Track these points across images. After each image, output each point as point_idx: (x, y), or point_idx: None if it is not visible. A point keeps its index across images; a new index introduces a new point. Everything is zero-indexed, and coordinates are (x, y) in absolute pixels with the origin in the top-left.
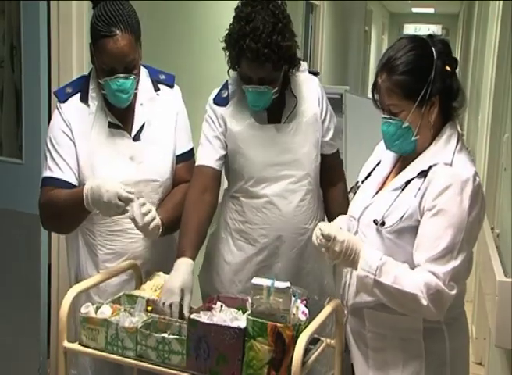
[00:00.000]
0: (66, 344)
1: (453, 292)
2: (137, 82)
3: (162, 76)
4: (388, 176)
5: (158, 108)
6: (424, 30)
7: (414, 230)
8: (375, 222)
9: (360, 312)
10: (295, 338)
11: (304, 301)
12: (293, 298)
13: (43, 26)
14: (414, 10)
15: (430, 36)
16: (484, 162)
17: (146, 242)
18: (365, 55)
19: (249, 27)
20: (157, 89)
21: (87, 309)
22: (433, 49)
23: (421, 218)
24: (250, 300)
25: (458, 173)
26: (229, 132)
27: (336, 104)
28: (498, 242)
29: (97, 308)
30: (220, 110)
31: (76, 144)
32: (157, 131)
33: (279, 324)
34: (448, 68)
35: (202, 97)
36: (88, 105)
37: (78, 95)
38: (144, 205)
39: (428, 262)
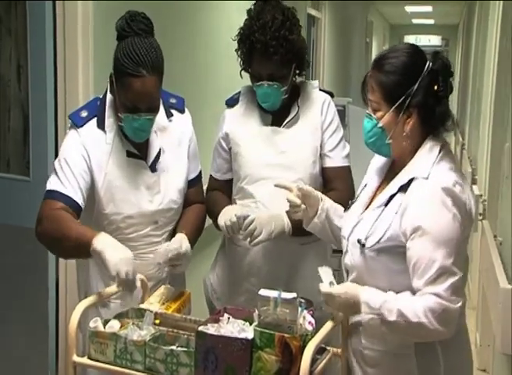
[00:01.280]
0: (76, 358)
1: (459, 304)
2: None
3: (173, 101)
4: (376, 192)
5: (171, 136)
6: (424, 40)
7: (396, 249)
8: (359, 241)
9: (357, 330)
10: (302, 348)
11: (311, 312)
12: (299, 309)
13: (49, 46)
14: (415, 21)
15: (436, 52)
16: (486, 170)
17: (158, 265)
18: (367, 66)
19: (259, 23)
20: (169, 115)
21: (96, 324)
22: (428, 63)
23: (404, 238)
24: (257, 311)
25: (435, 186)
26: (232, 134)
27: (339, 116)
28: (501, 250)
29: (106, 323)
30: (228, 112)
31: (94, 172)
32: (171, 159)
33: (286, 335)
34: (435, 87)
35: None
36: (105, 132)
37: (94, 120)
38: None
39: (427, 285)
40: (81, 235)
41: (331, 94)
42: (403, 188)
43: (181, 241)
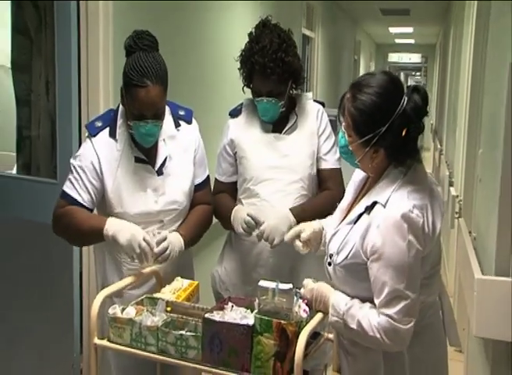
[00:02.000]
0: (97, 341)
1: (410, 325)
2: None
3: (182, 112)
4: (352, 204)
5: (179, 144)
6: (406, 58)
7: (360, 266)
8: (331, 256)
9: None
10: (297, 333)
11: (306, 300)
12: (295, 298)
13: (74, 64)
14: (397, 41)
15: (414, 88)
16: (461, 174)
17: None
18: None
19: (258, 46)
20: (177, 125)
21: (115, 310)
22: (401, 104)
23: (366, 258)
24: (257, 300)
25: (391, 214)
26: (237, 140)
27: (332, 125)
28: (475, 244)
29: (123, 310)
30: (232, 122)
31: (104, 176)
32: (177, 165)
33: (283, 321)
34: (404, 131)
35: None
36: (116, 140)
37: (107, 130)
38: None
39: (381, 307)
40: (92, 225)
41: (323, 104)
42: (368, 208)
43: (170, 237)
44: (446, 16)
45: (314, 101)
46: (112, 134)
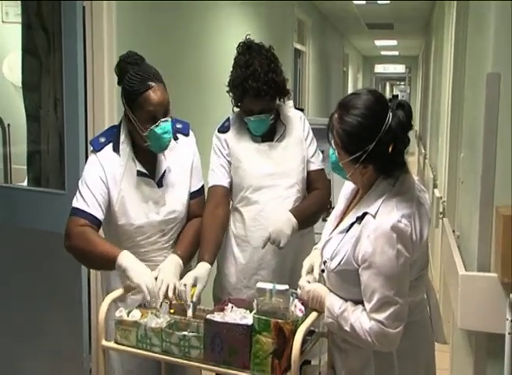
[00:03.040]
0: (104, 342)
1: (399, 329)
2: None
3: (179, 126)
4: (344, 213)
5: (177, 156)
6: (391, 69)
7: (352, 273)
8: (325, 263)
9: None
10: (294, 332)
11: (301, 300)
12: (291, 298)
13: (80, 84)
14: (383, 53)
15: (399, 105)
16: (444, 176)
17: None
18: (344, 90)
19: (249, 71)
20: (175, 138)
21: (121, 313)
22: (386, 122)
23: (357, 265)
24: (255, 301)
25: (380, 225)
26: (232, 151)
27: (322, 133)
28: (458, 242)
29: (129, 313)
30: (223, 136)
31: (110, 189)
32: (176, 176)
33: (280, 321)
34: (391, 146)
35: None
36: (119, 155)
37: (110, 145)
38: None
39: (371, 312)
40: (106, 252)
41: (302, 110)
42: (359, 219)
43: (164, 271)
44: (427, 29)
45: (296, 108)
46: (116, 149)
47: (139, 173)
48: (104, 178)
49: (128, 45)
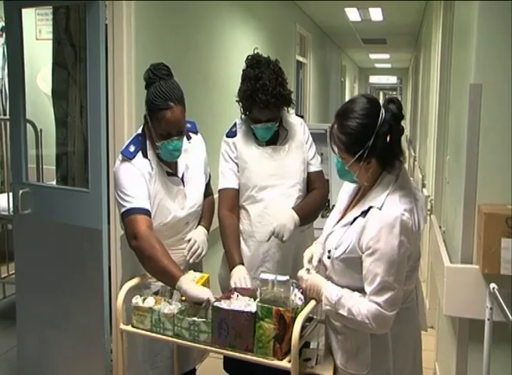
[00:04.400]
0: (122, 326)
1: (394, 312)
2: None
3: (188, 125)
4: (347, 209)
5: (192, 154)
6: (384, 79)
7: (356, 260)
8: (329, 251)
9: None
10: (294, 319)
11: (301, 290)
12: (291, 288)
13: (103, 92)
14: (376, 65)
15: (389, 100)
16: (432, 177)
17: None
18: (342, 98)
19: (259, 84)
20: (189, 138)
21: (137, 300)
22: (381, 116)
23: (361, 252)
24: (259, 290)
25: (386, 216)
26: (239, 153)
27: (322, 137)
28: (444, 237)
29: (144, 300)
30: (231, 140)
31: (149, 191)
32: (193, 173)
33: (281, 308)
34: (389, 137)
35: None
36: (149, 160)
37: (140, 152)
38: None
39: (371, 294)
40: (168, 270)
41: (302, 117)
42: (364, 213)
43: (195, 235)
44: (416, 44)
45: (296, 115)
46: (145, 155)
47: (168, 174)
48: (145, 181)
49: (145, 57)
